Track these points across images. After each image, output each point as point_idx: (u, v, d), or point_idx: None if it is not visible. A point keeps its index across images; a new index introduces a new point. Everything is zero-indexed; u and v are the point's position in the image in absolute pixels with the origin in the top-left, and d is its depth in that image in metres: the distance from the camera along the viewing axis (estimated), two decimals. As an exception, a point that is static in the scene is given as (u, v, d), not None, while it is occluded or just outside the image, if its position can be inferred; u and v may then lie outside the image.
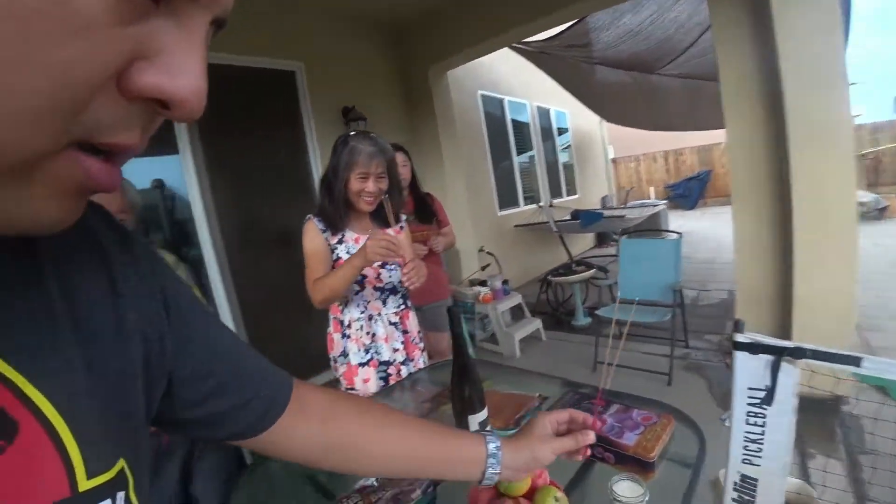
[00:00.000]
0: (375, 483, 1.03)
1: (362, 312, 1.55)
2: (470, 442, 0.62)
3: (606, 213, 5.40)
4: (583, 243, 7.23)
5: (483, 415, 1.05)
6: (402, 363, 1.61)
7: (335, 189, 1.51)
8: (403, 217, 1.71)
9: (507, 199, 5.64)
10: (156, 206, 2.45)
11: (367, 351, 1.55)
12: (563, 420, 0.71)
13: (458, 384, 1.05)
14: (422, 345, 1.70)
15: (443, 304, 2.64)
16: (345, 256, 1.49)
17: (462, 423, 1.06)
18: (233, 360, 0.48)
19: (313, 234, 1.52)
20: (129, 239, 0.40)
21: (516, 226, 5.54)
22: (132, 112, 0.25)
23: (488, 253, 4.68)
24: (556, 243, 5.34)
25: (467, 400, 1.04)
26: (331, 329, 1.59)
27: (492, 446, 0.61)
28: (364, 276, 1.51)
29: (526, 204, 5.80)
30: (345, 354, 1.55)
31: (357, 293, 1.54)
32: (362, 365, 1.55)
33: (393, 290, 1.60)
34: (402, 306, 1.62)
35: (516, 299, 3.87)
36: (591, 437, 0.68)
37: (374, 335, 1.56)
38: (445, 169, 4.21)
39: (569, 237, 5.86)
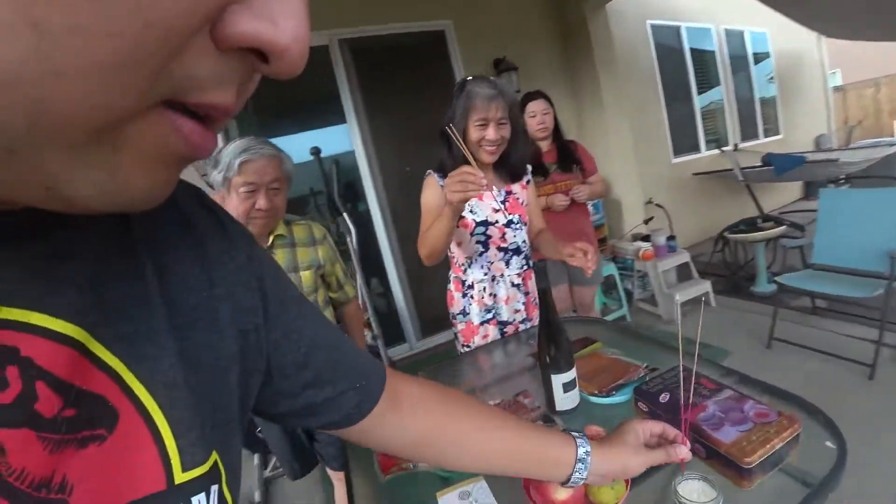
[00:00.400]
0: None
1: (485, 274, 1.55)
2: (560, 443, 0.60)
3: (811, 156, 4.35)
4: (786, 195, 6.02)
5: (568, 376, 1.02)
6: (521, 322, 1.61)
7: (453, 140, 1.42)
8: (529, 168, 1.63)
9: (685, 144, 4.96)
10: (314, 171, 2.79)
11: (488, 311, 1.57)
12: (657, 433, 0.67)
13: (545, 342, 1.03)
14: None
15: None
16: (468, 216, 1.48)
17: (546, 382, 1.05)
18: (329, 352, 0.47)
19: (432, 190, 1.48)
20: (224, 222, 0.39)
21: (695, 174, 4.86)
22: (226, 66, 0.22)
23: (657, 205, 4.25)
24: (745, 195, 4.57)
25: (552, 359, 1.02)
26: (451, 287, 1.63)
27: (581, 451, 0.60)
28: (488, 237, 1.50)
29: (709, 149, 5.01)
30: (465, 313, 1.60)
31: (481, 254, 1.53)
32: (483, 323, 1.58)
33: (517, 251, 1.57)
34: (525, 267, 1.59)
35: (683, 257, 3.47)
36: (684, 452, 0.65)
37: (495, 296, 1.56)
38: (607, 113, 3.87)
39: (765, 188, 4.96)
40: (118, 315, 0.28)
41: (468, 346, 1.60)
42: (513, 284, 1.57)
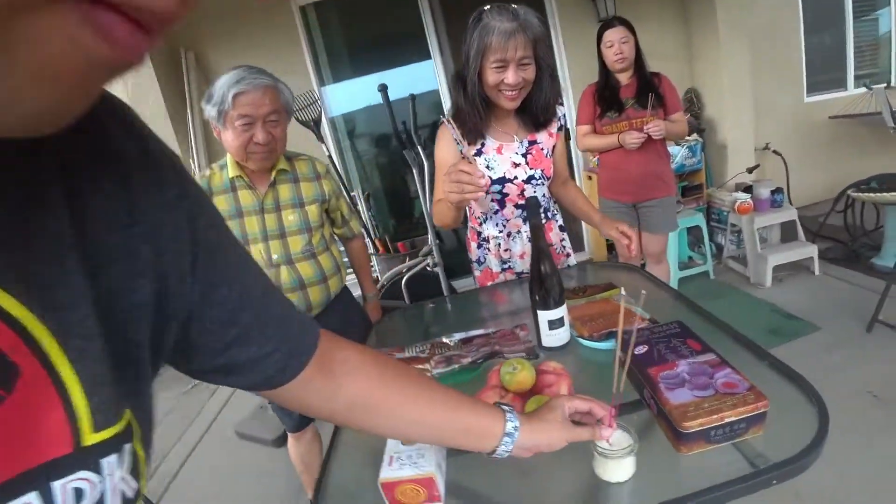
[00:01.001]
0: (450, 343, 1.15)
1: (500, 231, 1.47)
2: (490, 418, 0.61)
3: None
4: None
5: (555, 314, 1.00)
6: None
7: (468, 83, 1.25)
8: (561, 114, 1.41)
9: (825, 80, 4.12)
10: (383, 108, 2.78)
11: (504, 262, 1.52)
12: (583, 410, 0.67)
13: (535, 279, 1.01)
14: (568, 251, 1.58)
15: (661, 203, 2.30)
16: (484, 172, 1.33)
17: (535, 318, 1.02)
18: (260, 309, 0.43)
19: (445, 143, 1.34)
20: (154, 151, 0.34)
21: (832, 117, 4.08)
22: None
23: (774, 152, 3.70)
24: (894, 148, 3.79)
25: (540, 296, 0.99)
26: (468, 235, 1.58)
27: (510, 426, 0.60)
28: (505, 194, 1.40)
29: (857, 87, 4.13)
30: (480, 262, 1.56)
31: (496, 212, 1.45)
32: (501, 272, 1.54)
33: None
34: (544, 219, 1.49)
35: (789, 214, 3.04)
36: (607, 433, 0.65)
37: (510, 251, 1.49)
38: (722, 40, 3.33)
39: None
40: (23, 255, 0.24)
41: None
42: (529, 240, 1.49)
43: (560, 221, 1.55)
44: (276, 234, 1.39)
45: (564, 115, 1.45)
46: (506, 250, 1.49)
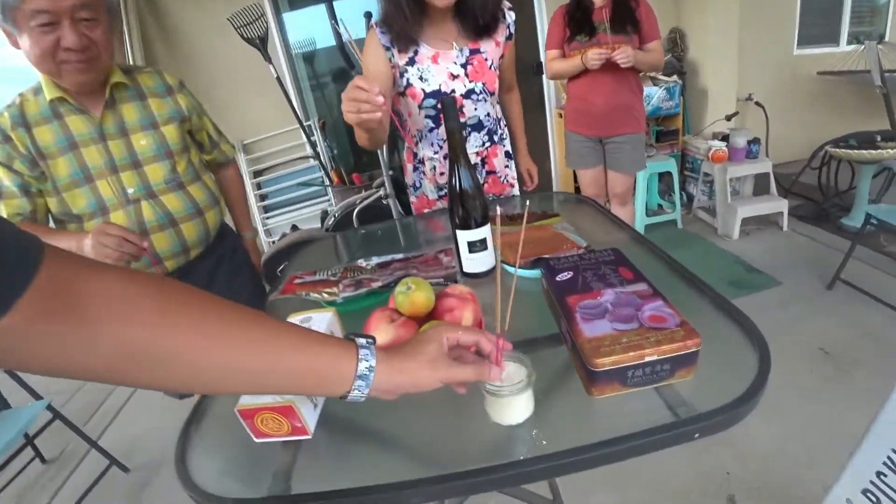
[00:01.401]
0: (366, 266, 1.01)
1: (436, 153, 1.28)
2: (336, 356, 0.47)
3: None
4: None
5: (476, 234, 0.85)
6: None
7: None
8: (510, 18, 1.22)
9: (817, 33, 3.91)
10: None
11: (440, 188, 1.35)
12: (467, 344, 0.54)
13: (453, 194, 0.83)
14: (512, 181, 1.41)
15: (629, 139, 2.13)
16: (417, 84, 1.17)
17: (454, 238, 0.87)
18: None
19: (373, 50, 1.16)
20: None
21: (821, 73, 3.90)
22: None
23: (756, 103, 3.53)
24: (880, 108, 3.66)
25: (458, 214, 0.83)
26: (405, 156, 1.40)
27: (364, 366, 0.48)
28: (439, 110, 1.21)
29: (850, 44, 3.93)
30: (416, 187, 1.39)
31: (431, 130, 1.26)
32: (438, 199, 1.37)
33: (478, 126, 1.27)
34: (488, 143, 1.30)
35: (763, 166, 2.93)
36: (496, 374, 0.53)
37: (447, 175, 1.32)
38: None
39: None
40: None
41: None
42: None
43: (508, 147, 1.37)
44: (129, 164, 1.13)
45: (514, 23, 1.25)
46: (441, 174, 1.31)
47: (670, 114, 3.16)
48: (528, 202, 1.28)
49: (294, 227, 3.32)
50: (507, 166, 1.36)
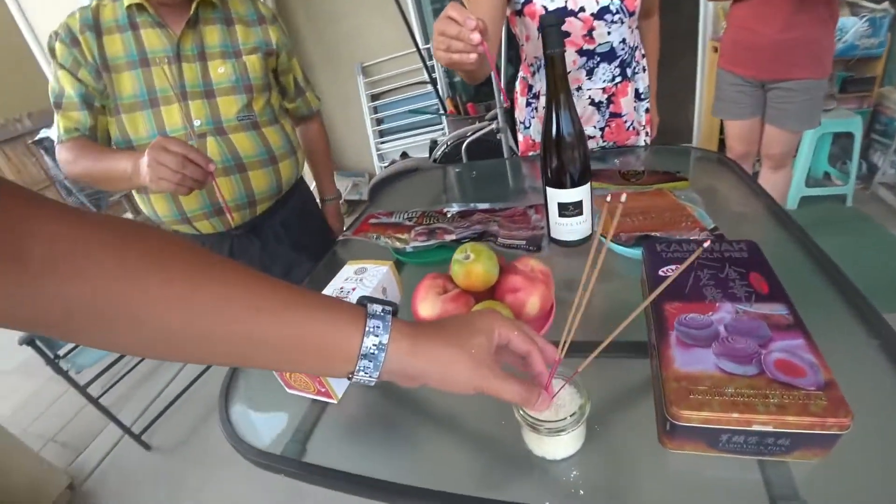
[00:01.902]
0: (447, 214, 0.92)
1: None
2: (337, 327, 0.37)
3: None
4: None
5: (571, 195, 0.71)
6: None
7: None
8: None
9: None
10: None
11: None
12: (519, 350, 0.42)
13: (546, 137, 0.69)
14: (646, 130, 1.17)
15: (803, 86, 1.63)
16: (538, 1, 0.96)
17: (543, 195, 0.73)
18: None
19: None
20: None
21: None
22: None
23: None
24: None
25: (551, 163, 0.69)
26: (517, 89, 1.19)
27: (371, 342, 0.37)
28: (565, 34, 0.98)
29: None
30: (526, 126, 1.19)
31: None
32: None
33: (608, 55, 1.02)
34: (619, 78, 1.06)
35: None
36: (541, 403, 0.40)
37: None
38: None
39: None
40: None
41: None
42: (592, 102, 1.08)
43: (641, 84, 1.12)
44: (199, 92, 1.00)
45: None
46: None
47: (869, 55, 2.44)
48: (649, 156, 1.06)
49: (404, 155, 3.30)
50: (635, 108, 1.13)
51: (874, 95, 2.57)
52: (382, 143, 3.39)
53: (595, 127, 1.12)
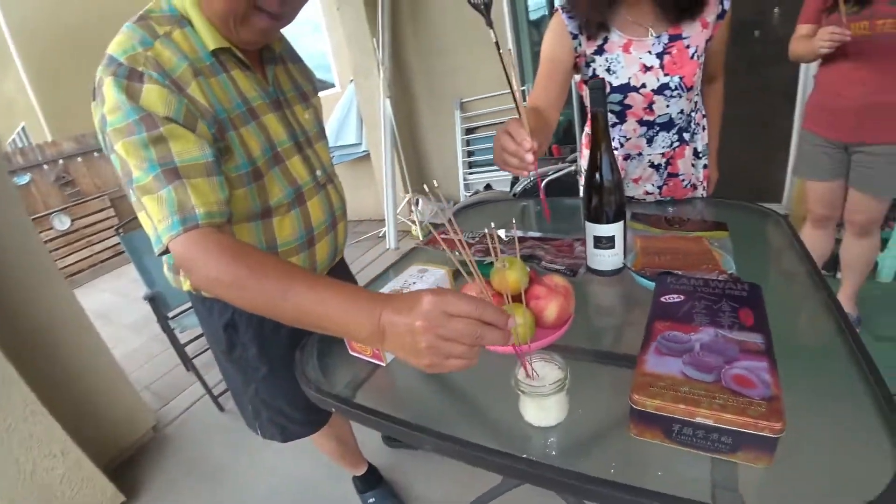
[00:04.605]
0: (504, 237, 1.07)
1: (616, 149, 1.15)
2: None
3: None
4: None
5: (606, 230, 0.83)
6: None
7: None
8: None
9: None
10: None
11: None
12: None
13: (589, 180, 0.80)
14: (703, 185, 1.21)
15: (888, 151, 1.55)
16: (604, 74, 1.04)
17: (584, 228, 0.85)
18: None
19: (554, 35, 1.05)
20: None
21: None
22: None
23: None
24: None
25: (592, 203, 0.80)
26: (583, 139, 1.27)
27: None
28: (627, 106, 1.06)
29: None
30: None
31: (614, 125, 1.12)
32: None
33: (667, 125, 1.10)
34: (677, 143, 1.13)
35: None
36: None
37: (625, 173, 1.19)
38: None
39: None
40: None
41: None
42: (651, 165, 1.15)
43: (699, 144, 1.17)
44: (304, 141, 0.89)
45: None
46: (621, 171, 1.20)
47: None
48: (705, 207, 1.11)
49: (488, 186, 3.47)
50: (693, 165, 1.19)
51: None
52: (471, 173, 3.59)
53: (654, 185, 1.19)
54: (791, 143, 2.83)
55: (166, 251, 0.64)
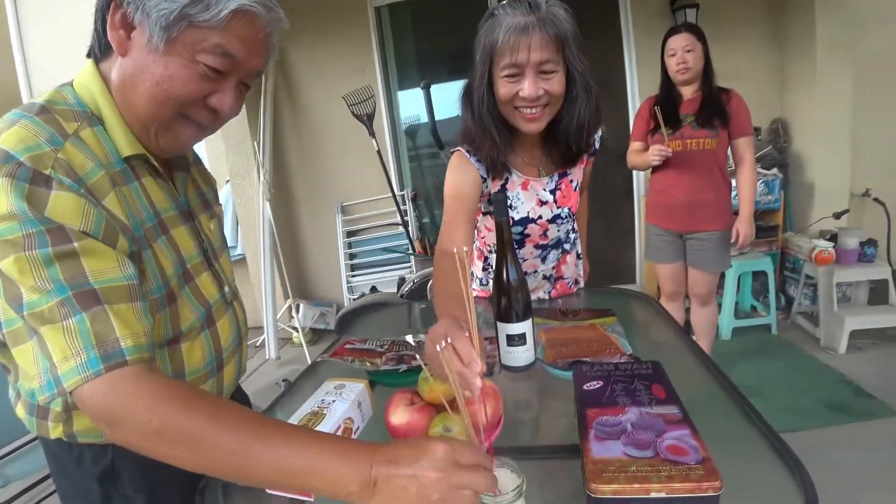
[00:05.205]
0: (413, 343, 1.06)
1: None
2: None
3: None
4: None
5: (516, 328, 0.87)
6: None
7: (474, 97, 1.00)
8: (597, 139, 1.14)
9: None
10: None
11: None
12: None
13: (496, 285, 0.87)
14: (581, 279, 1.38)
15: (712, 237, 2.05)
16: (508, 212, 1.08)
17: (495, 328, 0.89)
18: None
19: (459, 173, 1.06)
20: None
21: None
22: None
23: (875, 200, 3.20)
24: None
25: (501, 305, 0.86)
26: (475, 252, 1.34)
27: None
28: (526, 235, 1.18)
29: None
30: (483, 283, 1.35)
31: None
32: None
33: (557, 245, 1.24)
34: (560, 255, 1.28)
35: (880, 272, 2.63)
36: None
37: None
38: (819, 66, 2.90)
39: None
40: None
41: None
42: (544, 277, 1.29)
43: (578, 247, 1.34)
44: (212, 254, 0.81)
45: (600, 137, 1.17)
46: None
47: (769, 208, 2.97)
48: (587, 297, 1.27)
49: (373, 289, 3.49)
50: (575, 265, 1.34)
51: (779, 240, 3.06)
52: (354, 276, 3.60)
53: (545, 292, 1.31)
54: (635, 231, 3.40)
55: (60, 395, 0.51)
